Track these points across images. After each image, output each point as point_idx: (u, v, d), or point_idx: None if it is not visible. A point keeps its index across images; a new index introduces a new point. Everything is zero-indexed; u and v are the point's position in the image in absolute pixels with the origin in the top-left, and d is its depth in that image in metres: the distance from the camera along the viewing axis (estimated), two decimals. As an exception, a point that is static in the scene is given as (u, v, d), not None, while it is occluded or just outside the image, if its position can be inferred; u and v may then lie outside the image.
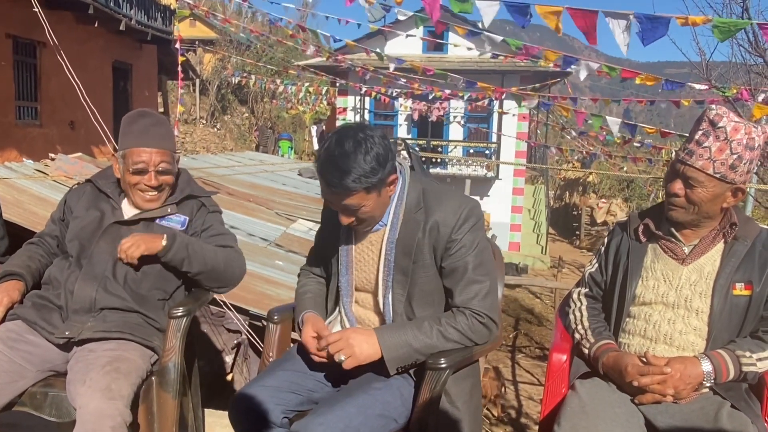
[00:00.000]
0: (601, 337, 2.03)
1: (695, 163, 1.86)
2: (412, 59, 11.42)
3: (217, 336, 4.58)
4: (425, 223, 1.90)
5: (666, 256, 2.00)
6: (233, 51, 25.89)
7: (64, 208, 2.44)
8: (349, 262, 2.02)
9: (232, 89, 29.01)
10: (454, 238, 1.88)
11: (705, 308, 1.91)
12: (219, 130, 26.61)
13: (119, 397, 1.95)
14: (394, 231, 1.92)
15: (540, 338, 10.30)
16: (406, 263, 1.91)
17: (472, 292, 1.88)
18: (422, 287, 1.93)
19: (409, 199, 1.93)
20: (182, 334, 2.20)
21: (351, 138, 1.77)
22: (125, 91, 14.50)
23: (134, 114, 2.34)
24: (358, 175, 1.74)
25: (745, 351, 1.85)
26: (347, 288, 2.04)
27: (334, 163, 1.75)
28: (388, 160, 1.80)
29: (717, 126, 1.84)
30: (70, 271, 2.27)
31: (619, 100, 9.00)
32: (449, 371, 1.81)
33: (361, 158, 1.74)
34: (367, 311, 2.03)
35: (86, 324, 2.17)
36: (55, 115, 11.72)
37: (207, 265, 2.32)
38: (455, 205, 1.90)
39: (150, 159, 2.27)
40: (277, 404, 1.86)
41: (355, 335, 1.85)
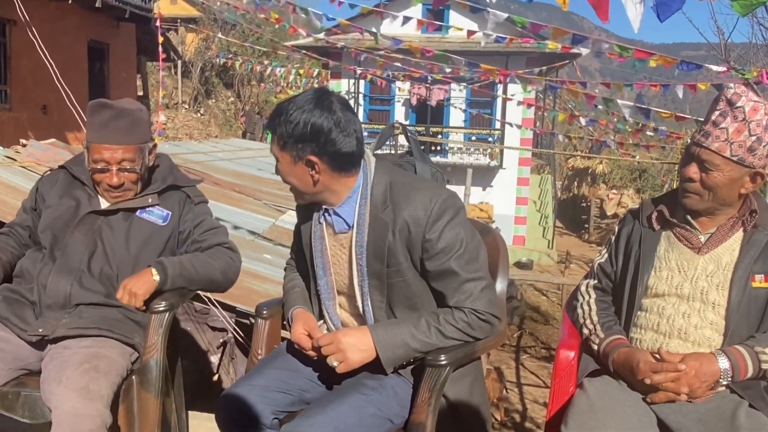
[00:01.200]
0: (611, 332, 2.02)
1: (711, 145, 1.85)
2: (410, 39, 11.40)
3: (202, 335, 4.59)
4: (394, 224, 1.83)
5: (681, 245, 1.99)
6: (217, 30, 25.78)
7: (36, 196, 2.42)
8: (326, 264, 1.99)
9: (216, 71, 28.89)
10: (429, 238, 1.82)
11: (722, 301, 1.91)
12: (203, 115, 26.53)
13: (98, 397, 1.95)
14: (361, 234, 1.87)
15: (546, 338, 10.34)
16: (380, 268, 1.87)
17: (466, 293, 1.85)
18: (402, 292, 1.90)
19: (374, 196, 1.86)
20: (165, 330, 2.19)
21: (317, 94, 1.81)
22: (101, 72, 14.42)
23: (95, 105, 2.29)
24: (279, 121, 1.78)
25: (765, 347, 1.84)
26: (328, 291, 2.02)
27: (283, 101, 1.83)
28: (316, 136, 1.76)
29: (735, 106, 1.84)
30: (43, 263, 2.26)
31: (632, 84, 9.00)
32: (450, 368, 1.81)
33: (294, 110, 1.77)
34: (350, 316, 2.02)
35: (61, 320, 2.17)
36: (27, 98, 11.65)
37: (204, 282, 2.36)
38: (425, 200, 1.82)
39: (110, 157, 2.24)
40: (266, 404, 1.86)
41: (348, 338, 1.83)
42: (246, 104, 29.29)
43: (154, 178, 2.45)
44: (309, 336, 1.93)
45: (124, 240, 2.32)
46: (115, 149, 2.24)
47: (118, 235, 2.32)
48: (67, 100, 7.33)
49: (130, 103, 2.36)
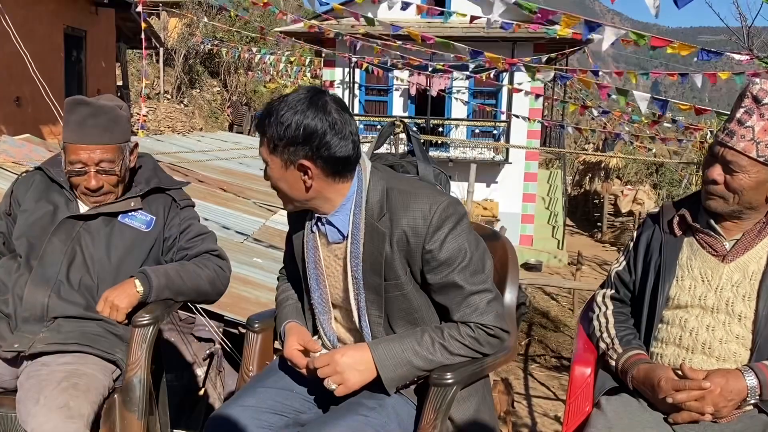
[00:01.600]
0: (630, 347, 2.02)
1: (736, 145, 1.84)
2: (409, 25, 11.38)
3: (187, 345, 4.58)
4: (391, 234, 1.81)
5: (704, 253, 1.99)
6: (202, 15, 25.73)
7: (11, 200, 2.41)
8: (320, 276, 1.98)
9: (201, 59, 28.84)
10: (430, 249, 1.80)
11: (749, 313, 1.90)
12: (186, 106, 26.48)
13: (78, 416, 1.94)
14: (356, 245, 1.85)
15: (556, 346, 10.34)
16: (377, 281, 1.85)
17: (472, 306, 1.83)
18: (401, 306, 1.88)
19: (369, 204, 1.84)
20: (149, 345, 2.18)
21: (311, 93, 1.79)
22: (79, 61, 14.39)
23: (72, 102, 2.28)
24: (268, 123, 1.76)
25: None
26: (321, 304, 2.00)
27: (272, 101, 1.82)
28: (309, 139, 1.73)
29: (761, 103, 1.83)
30: (18, 273, 2.26)
31: (647, 73, 9.00)
32: (457, 387, 1.80)
33: (284, 111, 1.75)
34: (346, 331, 2.01)
35: (38, 335, 2.16)
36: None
37: (191, 293, 2.36)
38: (424, 209, 1.79)
39: (88, 158, 2.23)
40: (259, 427, 1.85)
41: (346, 359, 1.81)
42: (233, 94, 29.24)
43: (137, 180, 2.44)
44: (304, 351, 1.92)
45: (105, 247, 2.31)
46: (92, 149, 2.23)
47: (98, 242, 2.31)
48: (43, 91, 7.32)
49: (109, 100, 2.35)
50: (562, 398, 8.01)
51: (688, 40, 6.24)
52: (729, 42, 8.66)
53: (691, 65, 7.79)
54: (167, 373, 2.68)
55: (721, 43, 9.07)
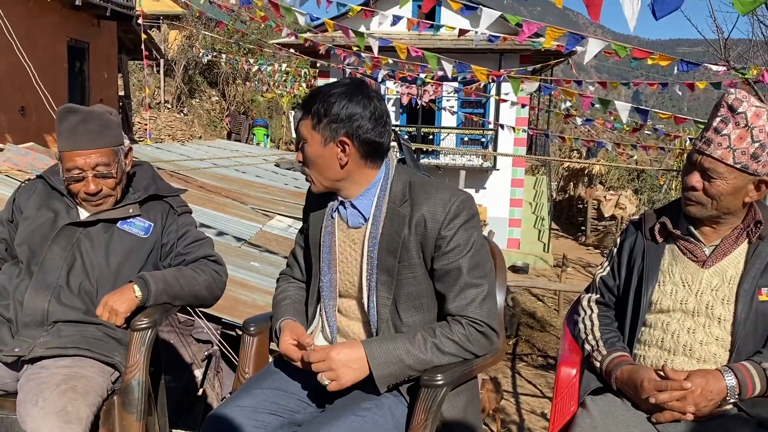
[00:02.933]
0: (614, 349, 2.01)
1: (713, 153, 1.84)
2: (399, 37, 11.38)
3: (186, 347, 4.54)
4: (411, 218, 1.87)
5: (685, 259, 1.99)
6: (201, 27, 25.70)
7: (13, 207, 2.39)
8: (332, 261, 2.00)
9: (200, 70, 28.81)
10: (444, 235, 1.85)
11: (728, 316, 1.90)
12: (186, 115, 26.43)
13: (76, 419, 1.92)
14: (376, 226, 1.90)
15: (543, 345, 10.34)
16: (391, 262, 1.88)
17: (468, 298, 1.85)
18: (409, 289, 1.90)
19: (393, 191, 1.91)
20: (147, 348, 2.16)
21: (355, 84, 1.88)
22: (82, 72, 14.34)
23: (62, 111, 2.25)
24: (316, 101, 1.84)
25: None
26: (330, 290, 2.01)
27: (321, 86, 1.91)
28: (351, 119, 1.83)
29: (736, 112, 1.83)
30: (19, 279, 2.23)
31: (629, 82, 9.02)
32: (447, 388, 1.79)
33: (333, 93, 1.84)
34: (351, 321, 2.00)
35: (38, 339, 2.13)
36: (4, 100, 11.56)
37: (189, 298, 2.34)
38: (444, 198, 1.87)
39: (84, 163, 2.21)
40: (255, 427, 1.83)
41: (340, 356, 1.81)
42: (231, 104, 29.20)
43: (135, 187, 2.42)
44: (298, 345, 1.91)
45: (104, 253, 2.28)
46: (87, 154, 2.21)
47: (97, 248, 2.28)
48: (46, 101, 7.29)
49: (98, 107, 2.33)
50: (548, 395, 8.01)
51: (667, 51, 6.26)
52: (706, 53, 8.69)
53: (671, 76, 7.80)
54: (167, 374, 2.66)
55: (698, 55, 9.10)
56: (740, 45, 8.85)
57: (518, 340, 10.24)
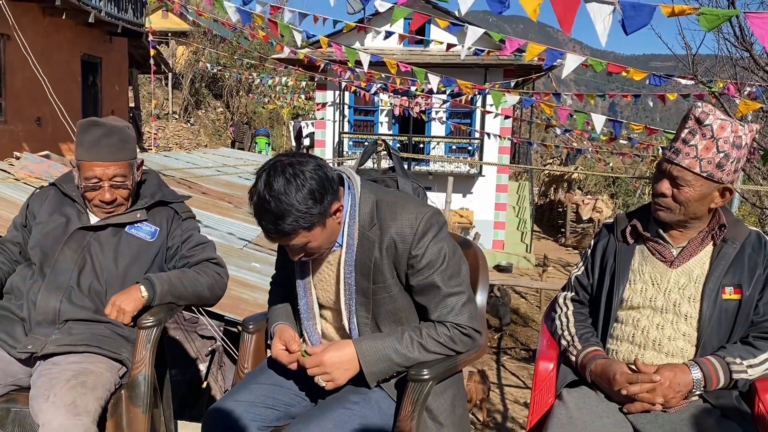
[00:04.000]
0: (588, 344, 2.02)
1: (682, 162, 1.86)
2: (392, 52, 11.38)
3: (191, 343, 4.53)
4: (381, 241, 1.81)
5: (654, 259, 2.00)
6: (207, 43, 25.66)
7: (27, 212, 2.38)
8: (307, 284, 1.96)
9: (206, 83, 28.77)
10: (415, 254, 1.80)
11: (694, 313, 1.91)
12: (193, 125, 26.37)
13: (85, 413, 1.90)
14: (350, 252, 1.84)
15: (525, 339, 10.34)
16: (366, 285, 1.84)
17: (448, 307, 1.83)
18: (386, 308, 1.87)
19: (362, 215, 1.84)
20: (153, 345, 2.15)
21: (280, 176, 1.68)
22: (94, 85, 14.30)
23: (85, 123, 2.26)
24: (294, 217, 1.67)
25: (735, 358, 1.84)
26: (307, 311, 1.97)
27: (267, 208, 1.68)
28: (326, 192, 1.71)
29: (703, 124, 1.84)
30: (33, 280, 2.22)
31: (604, 94, 9.04)
32: (432, 382, 1.78)
33: (293, 198, 1.66)
34: (335, 330, 1.99)
35: (50, 337, 2.12)
36: (21, 111, 11.52)
37: (192, 298, 2.32)
38: (411, 218, 1.80)
39: (102, 173, 2.21)
40: (252, 420, 1.82)
41: (332, 359, 1.80)
42: (235, 114, 29.16)
43: (143, 194, 2.42)
44: (287, 350, 1.90)
45: (113, 256, 2.27)
46: (107, 166, 2.21)
47: (107, 251, 2.27)
48: (60, 113, 7.25)
49: (117, 121, 2.32)
50: (530, 386, 8.00)
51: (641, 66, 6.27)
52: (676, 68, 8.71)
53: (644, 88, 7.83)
54: (172, 369, 2.64)
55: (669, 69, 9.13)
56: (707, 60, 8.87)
57: (503, 335, 10.24)
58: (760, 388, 1.84)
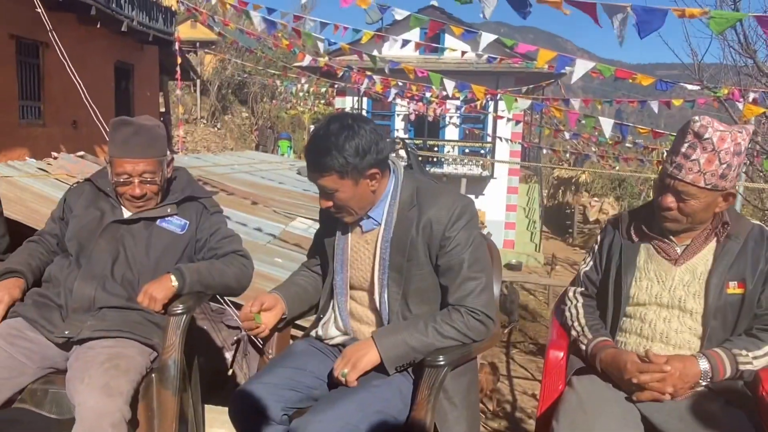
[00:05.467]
0: (598, 334, 1.99)
1: (686, 178, 1.81)
2: (408, 60, 11.35)
3: (217, 332, 4.54)
4: (418, 221, 1.86)
5: (659, 257, 1.97)
6: (233, 53, 25.79)
7: (64, 206, 2.40)
8: (345, 261, 1.99)
9: (232, 89, 28.93)
10: (447, 236, 1.85)
11: (699, 309, 1.88)
12: (219, 129, 26.53)
13: (118, 394, 1.91)
14: (388, 229, 1.89)
15: (534, 334, 10.28)
16: (401, 261, 1.88)
17: (468, 290, 1.85)
18: (417, 285, 1.90)
19: (402, 197, 1.90)
20: (182, 331, 2.16)
21: (338, 122, 1.80)
22: (127, 91, 14.43)
23: (116, 122, 2.27)
24: (332, 157, 1.76)
25: (741, 349, 1.82)
26: (342, 286, 2.01)
27: (316, 141, 1.79)
28: (369, 152, 1.79)
29: (703, 138, 1.79)
30: (69, 270, 2.24)
31: (611, 100, 8.97)
32: (448, 368, 1.78)
33: (341, 142, 1.76)
34: (364, 308, 2.00)
35: (86, 323, 2.14)
36: (58, 114, 11.65)
37: (219, 288, 2.35)
38: (449, 203, 1.87)
39: (132, 170, 2.22)
40: (276, 401, 1.83)
41: (351, 348, 1.86)
42: (259, 119, 29.29)
43: (173, 189, 2.43)
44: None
45: (145, 247, 2.29)
46: (137, 162, 2.22)
47: (139, 243, 2.29)
48: (95, 116, 7.31)
49: (148, 120, 2.33)
50: (538, 378, 7.96)
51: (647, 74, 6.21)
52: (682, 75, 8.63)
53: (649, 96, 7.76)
54: (200, 357, 2.65)
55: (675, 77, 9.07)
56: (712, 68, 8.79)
57: (512, 329, 10.18)
58: (763, 377, 1.83)
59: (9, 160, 7.40)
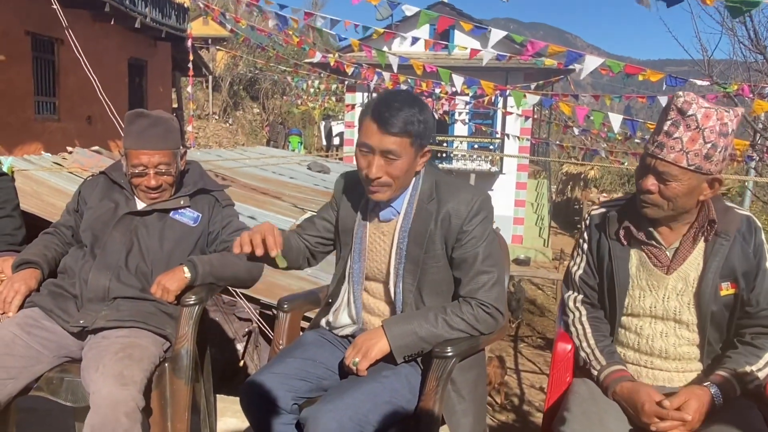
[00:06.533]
0: (612, 361, 1.85)
1: (667, 157, 1.68)
2: (417, 56, 11.33)
3: (229, 324, 4.57)
4: (437, 214, 1.87)
5: (650, 265, 1.85)
6: (245, 50, 25.83)
7: (79, 199, 2.42)
8: (363, 250, 1.99)
9: (244, 85, 28.98)
10: (465, 230, 1.85)
11: (694, 319, 1.80)
12: (231, 125, 26.61)
13: (131, 383, 1.93)
14: (407, 220, 1.90)
15: (542, 328, 10.27)
16: (417, 253, 1.88)
17: (480, 283, 1.85)
18: (432, 277, 1.90)
19: (422, 189, 1.91)
20: (194, 322, 2.17)
21: (409, 94, 1.85)
22: (140, 86, 14.51)
23: (132, 114, 2.29)
24: (411, 118, 1.76)
25: (743, 366, 1.74)
26: (359, 276, 2.00)
27: (392, 102, 1.78)
28: (430, 129, 1.83)
29: (686, 114, 1.66)
30: (84, 260, 2.25)
31: (620, 96, 8.91)
32: (455, 359, 1.78)
33: (416, 109, 1.78)
34: (377, 300, 2.00)
35: (100, 313, 2.15)
36: (73, 110, 11.73)
37: (231, 280, 2.35)
38: (468, 197, 1.87)
39: (148, 161, 2.23)
40: (287, 391, 1.83)
41: (361, 337, 1.86)
42: (270, 115, 29.35)
43: (186, 182, 2.44)
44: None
45: (158, 239, 2.30)
46: (152, 154, 2.24)
47: (152, 235, 2.30)
48: (109, 111, 7.36)
49: (162, 113, 2.35)
50: (546, 372, 7.96)
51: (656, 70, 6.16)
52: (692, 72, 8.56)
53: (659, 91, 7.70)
54: (212, 348, 2.66)
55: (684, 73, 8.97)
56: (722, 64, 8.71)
57: (520, 324, 10.17)
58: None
59: (25, 155, 7.46)
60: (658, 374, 1.87)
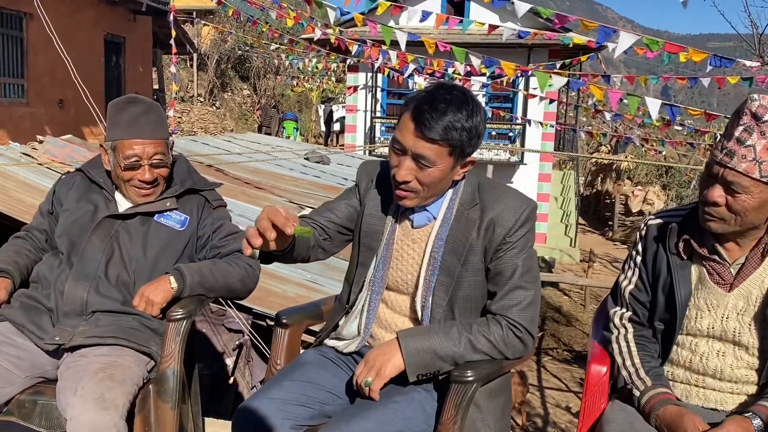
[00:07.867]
0: (659, 383, 1.88)
1: (738, 166, 1.67)
2: (428, 32, 11.30)
3: (218, 336, 4.58)
4: (480, 222, 1.85)
5: (711, 283, 1.86)
6: (234, 24, 25.81)
7: (53, 199, 2.42)
8: (388, 258, 1.96)
9: (232, 64, 28.97)
10: (508, 241, 1.84)
11: (755, 342, 1.81)
12: (218, 108, 26.61)
13: (113, 407, 1.93)
14: (445, 227, 1.87)
15: (568, 340, 10.25)
16: (454, 264, 1.86)
17: (515, 299, 1.83)
18: (467, 292, 1.88)
19: (463, 193, 1.89)
20: (182, 338, 2.17)
21: (461, 93, 1.77)
22: (118, 66, 14.52)
23: (122, 101, 2.30)
24: (455, 124, 1.72)
25: None
26: (380, 284, 1.97)
27: (437, 101, 1.73)
28: (480, 137, 1.79)
29: (761, 120, 1.66)
30: (60, 269, 2.26)
31: (658, 77, 8.86)
32: (477, 385, 1.77)
33: (463, 114, 1.73)
34: (395, 314, 1.97)
35: (77, 329, 2.16)
36: (43, 93, 11.75)
37: (223, 290, 2.35)
38: (515, 204, 1.85)
39: (143, 151, 2.24)
40: (285, 419, 1.82)
41: (376, 356, 1.82)
42: (262, 97, 29.33)
43: (173, 181, 2.44)
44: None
45: (142, 245, 2.30)
46: (147, 143, 2.25)
47: (135, 241, 2.30)
48: (83, 94, 7.38)
49: (147, 99, 2.37)
50: (573, 390, 7.94)
51: (698, 46, 6.09)
52: (738, 48, 8.50)
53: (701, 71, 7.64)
54: (198, 363, 2.67)
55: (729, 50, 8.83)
56: (774, 41, 8.63)
57: (544, 334, 10.17)
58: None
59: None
60: (709, 394, 1.87)
